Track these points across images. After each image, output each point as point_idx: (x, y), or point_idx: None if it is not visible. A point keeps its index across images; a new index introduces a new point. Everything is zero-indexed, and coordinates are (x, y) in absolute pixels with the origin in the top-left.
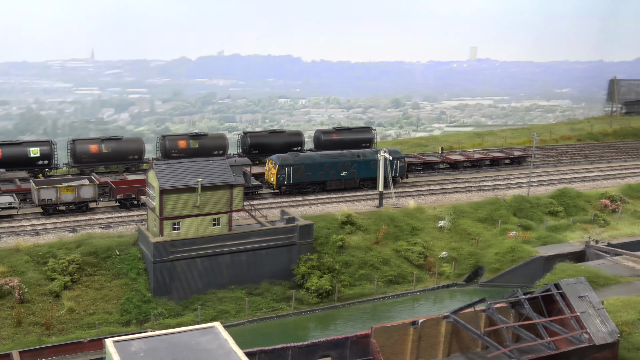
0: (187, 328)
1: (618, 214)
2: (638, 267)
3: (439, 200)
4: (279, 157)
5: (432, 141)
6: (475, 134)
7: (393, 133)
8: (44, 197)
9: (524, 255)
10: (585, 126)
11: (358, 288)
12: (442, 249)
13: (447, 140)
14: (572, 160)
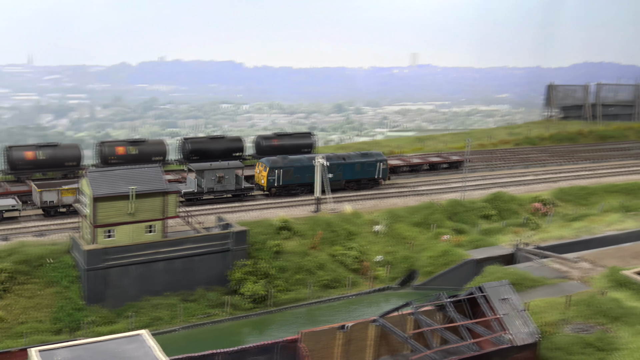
0: (113, 336)
1: (549, 218)
2: (564, 269)
3: (376, 205)
4: (269, 159)
5: (375, 146)
6: (416, 138)
7: (336, 138)
8: (45, 199)
9: (455, 258)
10: (523, 130)
11: (293, 293)
12: (378, 253)
13: (389, 145)
14: (508, 165)
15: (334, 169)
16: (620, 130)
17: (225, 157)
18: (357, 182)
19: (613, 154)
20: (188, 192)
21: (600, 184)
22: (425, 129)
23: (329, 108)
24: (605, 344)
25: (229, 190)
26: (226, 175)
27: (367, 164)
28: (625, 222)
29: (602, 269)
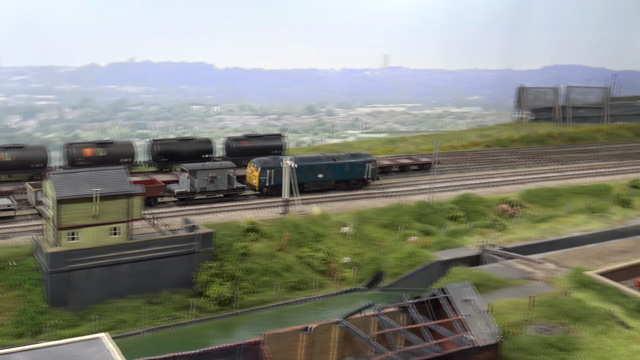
0: (72, 339)
1: (516, 219)
2: (529, 270)
3: (344, 206)
4: (260, 160)
5: (346, 147)
6: (388, 140)
7: (308, 139)
8: (41, 199)
9: (422, 259)
10: (494, 132)
11: (260, 295)
12: (345, 254)
13: (360, 147)
14: (477, 166)
15: (324, 169)
16: (589, 132)
17: (194, 158)
18: (346, 182)
19: (581, 155)
20: (181, 192)
21: (568, 185)
22: (397, 131)
23: (301, 110)
24: (567, 344)
25: (221, 190)
26: (218, 175)
27: (356, 165)
28: (590, 223)
29: (566, 269)
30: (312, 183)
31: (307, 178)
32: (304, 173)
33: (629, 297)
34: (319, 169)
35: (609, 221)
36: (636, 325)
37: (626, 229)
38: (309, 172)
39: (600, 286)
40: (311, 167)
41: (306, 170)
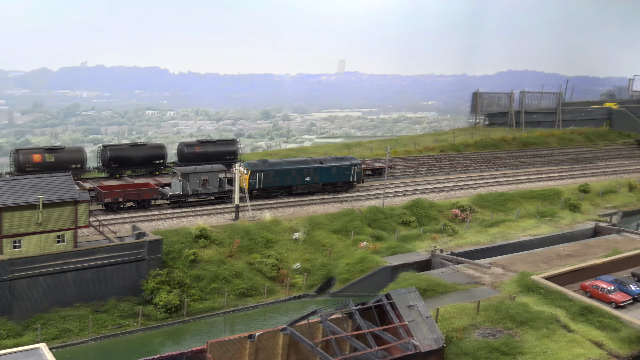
0: (9, 350)
1: (467, 224)
2: (477, 274)
3: (296, 212)
4: (250, 163)
5: (302, 152)
6: (344, 144)
7: (264, 144)
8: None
9: (372, 265)
10: (449, 137)
11: (209, 302)
12: (296, 260)
13: (316, 152)
14: (431, 171)
15: (312, 172)
16: (542, 137)
17: (146, 164)
18: (333, 185)
19: (534, 160)
20: (174, 195)
21: (519, 190)
22: (353, 136)
23: (256, 115)
24: (511, 348)
25: (213, 192)
26: (210, 178)
27: (342, 168)
28: (539, 227)
29: (513, 274)
30: (299, 186)
31: (295, 181)
32: (292, 176)
33: (573, 300)
34: (306, 172)
35: (557, 225)
36: (579, 328)
37: (574, 233)
38: (297, 175)
39: (545, 290)
40: (299, 170)
41: (294, 173)
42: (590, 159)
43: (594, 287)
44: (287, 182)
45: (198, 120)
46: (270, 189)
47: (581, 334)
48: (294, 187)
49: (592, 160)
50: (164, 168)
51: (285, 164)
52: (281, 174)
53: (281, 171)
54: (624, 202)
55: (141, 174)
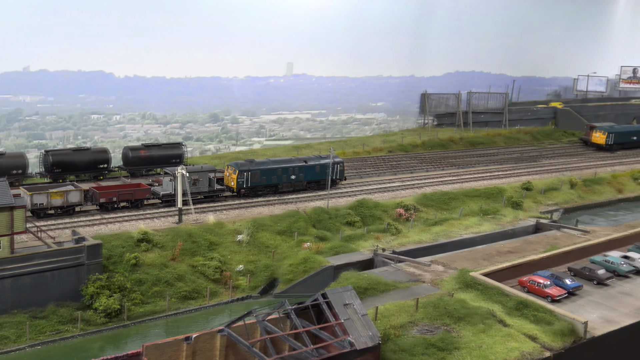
0: None
1: (410, 223)
2: (418, 272)
3: (241, 214)
4: (237, 163)
5: (251, 154)
6: (293, 147)
7: (212, 147)
8: (36, 202)
9: (315, 265)
10: (397, 138)
11: (150, 306)
12: (240, 262)
13: (265, 154)
14: (378, 172)
15: (297, 171)
16: (489, 136)
17: (90, 169)
18: (317, 183)
19: (480, 159)
20: (166, 194)
21: (463, 189)
22: (302, 138)
23: (204, 118)
24: (447, 344)
25: (202, 191)
26: (200, 178)
27: (325, 166)
28: (482, 225)
29: (453, 271)
30: (285, 184)
31: (281, 179)
32: (278, 175)
33: (509, 295)
34: (292, 170)
35: (499, 223)
36: (514, 323)
37: (515, 230)
38: (283, 173)
39: (483, 286)
40: (285, 169)
41: (280, 172)
42: (534, 157)
43: (531, 282)
44: (274, 180)
45: (145, 124)
46: (257, 188)
47: (516, 328)
48: (280, 185)
49: (536, 158)
50: (109, 172)
51: (271, 163)
52: (267, 173)
53: (268, 170)
54: (565, 199)
55: (85, 179)
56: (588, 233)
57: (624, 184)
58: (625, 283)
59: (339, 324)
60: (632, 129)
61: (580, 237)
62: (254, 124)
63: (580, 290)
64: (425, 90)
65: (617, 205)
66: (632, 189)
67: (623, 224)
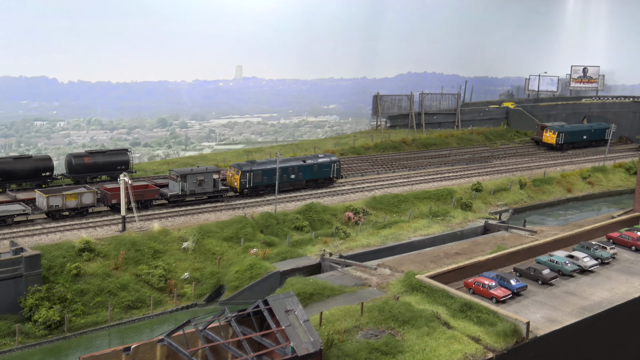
0: None
1: (359, 226)
2: (365, 276)
3: (187, 221)
4: (239, 164)
5: (201, 160)
6: (244, 151)
7: (161, 153)
8: (52, 203)
9: (261, 271)
10: (349, 140)
11: (92, 316)
12: (185, 270)
13: (216, 159)
14: None
15: (296, 170)
16: (442, 137)
17: (32, 177)
18: (315, 182)
19: (432, 161)
20: (174, 195)
21: (414, 191)
22: (254, 142)
23: (152, 123)
24: (391, 348)
25: (207, 192)
26: (205, 178)
27: (323, 165)
28: (431, 227)
29: (400, 274)
30: (285, 183)
31: (281, 179)
32: (279, 174)
33: (454, 297)
34: (291, 170)
35: (449, 225)
36: (458, 325)
37: (464, 231)
38: (283, 173)
39: (428, 289)
40: (285, 169)
41: (281, 171)
42: (486, 158)
43: (477, 283)
44: (274, 180)
45: (91, 130)
46: (259, 187)
47: (460, 330)
48: (281, 184)
49: (488, 159)
50: (52, 181)
51: (271, 163)
52: (269, 173)
53: (269, 170)
54: (515, 199)
55: (27, 187)
56: (536, 233)
57: (573, 183)
58: (570, 282)
59: (281, 331)
60: (582, 129)
61: (528, 237)
62: (203, 128)
63: (525, 290)
64: (377, 92)
65: (566, 204)
66: (581, 188)
67: (570, 223)
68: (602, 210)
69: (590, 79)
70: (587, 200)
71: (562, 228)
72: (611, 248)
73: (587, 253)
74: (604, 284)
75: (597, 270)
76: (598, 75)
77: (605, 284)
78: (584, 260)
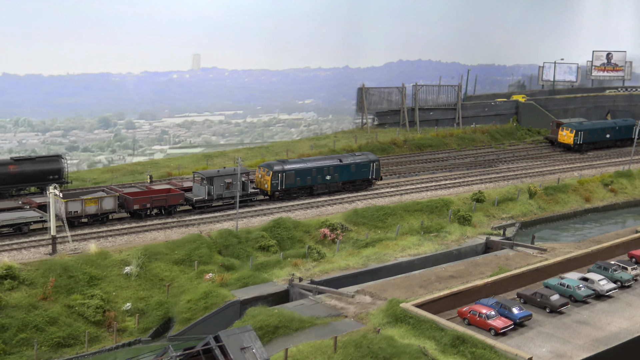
0: None
1: (337, 245)
2: (340, 305)
3: (131, 240)
4: (269, 164)
5: (152, 166)
6: (204, 155)
7: (104, 159)
8: (70, 209)
9: (218, 300)
10: (329, 142)
11: (15, 356)
12: (127, 300)
13: (169, 165)
14: None
15: (332, 170)
16: (439, 137)
17: None
18: (352, 184)
19: (426, 165)
20: (199, 200)
21: (403, 202)
22: (215, 144)
23: (93, 123)
24: None
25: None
26: (234, 181)
27: (361, 165)
28: (422, 245)
29: (382, 302)
30: (320, 185)
31: (316, 180)
32: (313, 175)
33: (445, 330)
34: (326, 170)
35: (443, 242)
36: None
37: (461, 250)
38: (318, 174)
39: (415, 319)
40: (319, 169)
41: (315, 172)
42: (491, 161)
43: (472, 312)
44: (308, 181)
45: (19, 133)
46: (292, 190)
47: None
48: (315, 186)
49: (493, 163)
50: None
51: (304, 162)
52: (302, 174)
53: (302, 170)
54: (523, 211)
55: None
56: (545, 251)
57: (593, 191)
58: (583, 310)
59: None
60: (605, 126)
61: (536, 256)
62: (154, 129)
63: (529, 320)
64: (362, 84)
65: (583, 217)
66: (602, 197)
67: (587, 239)
68: (628, 223)
69: (615, 66)
70: (609, 211)
71: (577, 245)
72: (633, 268)
73: (605, 275)
74: (623, 312)
75: (615, 295)
76: (624, 62)
77: (625, 312)
78: (601, 284)
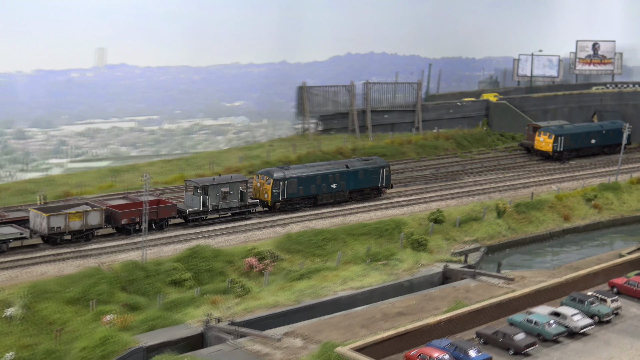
0: None
1: (265, 277)
2: (265, 350)
3: (14, 276)
4: (268, 171)
5: (49, 184)
6: (110, 170)
7: None
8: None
9: (118, 348)
10: (262, 152)
11: None
12: (9, 348)
13: (68, 183)
14: None
15: (338, 178)
16: (395, 145)
17: None
18: (360, 192)
19: None
20: (193, 211)
21: (346, 224)
22: (124, 156)
23: None
24: None
25: (234, 207)
26: (231, 190)
27: (370, 171)
28: (367, 276)
29: (315, 346)
30: (325, 195)
31: (321, 189)
32: (317, 183)
33: None
34: (332, 177)
35: (393, 272)
36: None
37: (413, 281)
38: (323, 182)
39: None
40: (325, 177)
41: (319, 180)
42: (455, 173)
43: (421, 356)
44: (312, 190)
45: None
46: (294, 200)
47: None
48: (320, 196)
49: (457, 175)
50: None
51: (307, 168)
52: (306, 182)
53: (306, 178)
54: (489, 232)
55: None
56: (513, 281)
57: (573, 207)
58: (553, 351)
59: None
60: (590, 129)
61: (502, 287)
62: (50, 139)
63: None
64: (303, 82)
65: (561, 238)
66: (583, 215)
67: (563, 265)
68: (615, 244)
69: (602, 58)
70: (592, 231)
71: (551, 273)
72: (613, 300)
73: (580, 308)
74: (600, 353)
75: (592, 332)
76: (613, 53)
77: (602, 352)
78: (574, 319)
